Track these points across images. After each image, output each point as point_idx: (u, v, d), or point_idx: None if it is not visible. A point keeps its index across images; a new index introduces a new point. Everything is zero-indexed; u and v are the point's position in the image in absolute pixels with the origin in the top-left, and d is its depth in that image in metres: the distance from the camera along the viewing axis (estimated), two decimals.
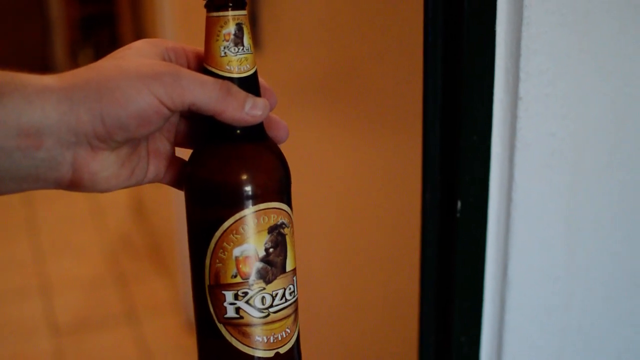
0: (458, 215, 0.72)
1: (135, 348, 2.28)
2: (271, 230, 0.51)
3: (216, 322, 0.51)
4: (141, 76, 0.48)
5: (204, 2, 0.52)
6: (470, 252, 0.74)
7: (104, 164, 0.50)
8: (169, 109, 0.49)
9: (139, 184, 0.54)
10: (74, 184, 0.50)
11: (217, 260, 0.50)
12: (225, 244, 0.50)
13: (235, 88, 0.51)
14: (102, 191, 0.52)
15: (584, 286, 0.78)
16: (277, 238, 0.51)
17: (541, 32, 0.67)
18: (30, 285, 2.60)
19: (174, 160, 0.56)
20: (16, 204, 3.15)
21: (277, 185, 0.52)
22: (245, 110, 0.51)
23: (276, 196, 0.52)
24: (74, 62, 4.20)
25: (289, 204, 0.53)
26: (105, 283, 2.61)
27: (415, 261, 0.78)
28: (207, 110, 0.50)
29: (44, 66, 4.26)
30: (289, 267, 0.52)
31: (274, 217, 0.51)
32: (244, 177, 0.51)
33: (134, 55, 0.51)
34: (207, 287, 0.51)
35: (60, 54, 4.40)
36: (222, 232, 0.50)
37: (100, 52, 3.91)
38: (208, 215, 0.51)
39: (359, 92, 0.93)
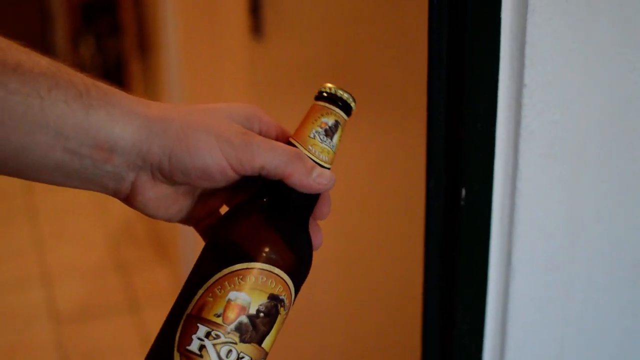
0: (462, 203, 0.72)
1: (136, 337, 2.29)
2: (271, 298, 0.51)
3: (175, 349, 0.50)
4: (217, 135, 0.51)
5: (317, 92, 0.56)
6: (474, 240, 0.73)
7: (159, 194, 0.53)
8: (235, 171, 0.52)
9: (177, 221, 0.57)
10: (128, 200, 0.54)
11: (210, 294, 0.50)
12: (226, 282, 0.50)
13: (304, 156, 0.54)
14: (147, 215, 0.55)
15: (586, 275, 0.78)
16: (272, 310, 0.51)
17: (546, 19, 0.67)
18: (31, 273, 2.60)
19: (217, 215, 0.59)
20: (17, 192, 3.15)
21: (297, 267, 0.53)
22: (312, 176, 0.53)
23: (291, 274, 0.52)
24: (75, 51, 4.19)
25: (296, 293, 0.54)
26: (106, 272, 2.61)
27: (419, 249, 0.77)
28: (276, 174, 0.53)
29: (44, 55, 4.24)
30: (265, 344, 0.51)
31: (280, 288, 0.52)
32: (276, 241, 0.52)
33: (221, 112, 0.54)
34: (186, 315, 0.51)
35: (61, 42, 4.39)
36: (230, 271, 0.51)
37: (101, 40, 3.90)
38: (226, 250, 0.52)
39: (363, 79, 0.93)
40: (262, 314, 0.51)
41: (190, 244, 2.14)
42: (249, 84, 1.44)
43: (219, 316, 0.50)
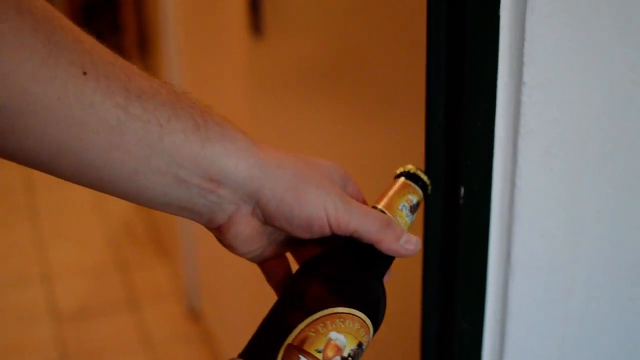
0: (461, 201, 0.71)
1: (136, 335, 2.29)
2: (359, 345, 0.54)
3: None
4: (327, 192, 0.55)
5: (406, 171, 0.62)
6: (474, 238, 0.73)
7: (252, 231, 0.55)
8: (331, 229, 0.55)
9: (250, 257, 0.59)
10: (218, 231, 0.56)
11: (312, 330, 0.53)
12: (328, 322, 0.53)
13: (394, 222, 0.58)
14: (230, 247, 0.57)
15: (586, 274, 0.78)
16: (356, 357, 0.54)
17: (545, 16, 0.66)
18: (31, 272, 2.60)
19: (283, 258, 0.61)
20: (18, 190, 3.15)
21: (378, 323, 0.57)
22: (400, 242, 0.58)
23: (374, 328, 0.56)
24: None
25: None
26: (107, 270, 2.62)
27: None
28: (367, 239, 0.56)
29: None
30: None
31: (366, 338, 0.55)
32: (374, 296, 0.57)
33: (325, 170, 0.58)
34: (286, 344, 0.53)
35: None
36: (333, 312, 0.53)
37: (102, 38, 3.90)
38: (335, 290, 0.55)
39: (362, 78, 0.92)
40: (350, 359, 0.53)
41: (190, 243, 2.14)
42: (248, 82, 1.44)
43: (320, 352, 0.52)
